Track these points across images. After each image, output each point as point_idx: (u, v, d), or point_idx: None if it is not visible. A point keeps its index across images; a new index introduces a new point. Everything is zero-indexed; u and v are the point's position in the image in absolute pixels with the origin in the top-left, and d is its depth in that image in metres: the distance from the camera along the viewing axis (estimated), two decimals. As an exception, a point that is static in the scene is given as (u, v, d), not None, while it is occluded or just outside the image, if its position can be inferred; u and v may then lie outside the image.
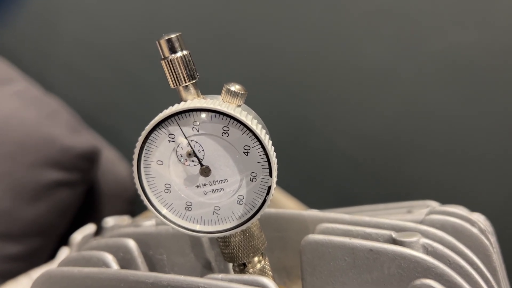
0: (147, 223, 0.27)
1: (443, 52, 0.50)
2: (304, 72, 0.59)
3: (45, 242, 0.74)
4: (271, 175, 0.20)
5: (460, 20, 0.48)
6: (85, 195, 0.78)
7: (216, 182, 0.20)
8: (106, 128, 0.85)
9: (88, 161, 0.73)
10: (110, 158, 0.82)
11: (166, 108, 0.20)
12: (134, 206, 0.79)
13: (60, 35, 0.82)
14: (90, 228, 0.33)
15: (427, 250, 0.20)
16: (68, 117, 0.75)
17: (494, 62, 0.48)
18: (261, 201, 0.20)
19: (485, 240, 0.23)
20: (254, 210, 0.20)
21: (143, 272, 0.20)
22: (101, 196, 0.82)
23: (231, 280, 0.19)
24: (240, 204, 0.20)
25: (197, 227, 0.21)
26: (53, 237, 0.75)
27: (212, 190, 0.20)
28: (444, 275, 0.19)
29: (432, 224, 0.23)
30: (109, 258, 0.23)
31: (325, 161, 0.62)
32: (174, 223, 0.21)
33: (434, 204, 0.29)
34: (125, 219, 0.30)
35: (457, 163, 0.54)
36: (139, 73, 0.76)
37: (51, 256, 0.68)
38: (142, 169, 0.20)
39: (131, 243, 0.24)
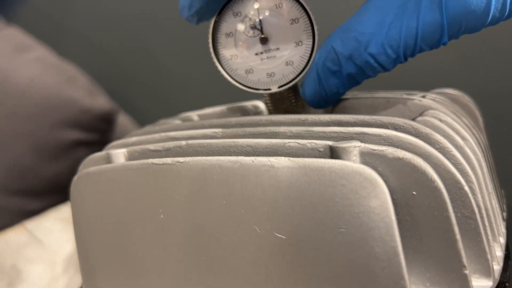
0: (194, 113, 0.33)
1: None
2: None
3: (65, 199, 0.79)
4: (314, 40, 0.26)
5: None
6: (102, 156, 0.82)
7: (271, 50, 0.26)
8: (119, 96, 0.89)
9: (105, 122, 0.78)
10: (124, 123, 0.87)
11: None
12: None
13: (72, 5, 0.87)
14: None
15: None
16: (86, 82, 0.79)
17: None
18: (305, 62, 0.26)
19: (472, 105, 0.29)
20: (300, 70, 0.26)
21: (215, 119, 0.26)
22: (116, 158, 0.86)
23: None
24: (288, 65, 0.26)
25: (257, 86, 0.27)
26: (72, 194, 0.79)
27: (268, 57, 0.26)
28: (440, 114, 0.25)
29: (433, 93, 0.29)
30: (178, 122, 0.29)
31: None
32: (239, 83, 0.27)
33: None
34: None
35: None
36: (150, 43, 0.81)
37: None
38: (216, 41, 0.26)
39: (195, 116, 0.30)
